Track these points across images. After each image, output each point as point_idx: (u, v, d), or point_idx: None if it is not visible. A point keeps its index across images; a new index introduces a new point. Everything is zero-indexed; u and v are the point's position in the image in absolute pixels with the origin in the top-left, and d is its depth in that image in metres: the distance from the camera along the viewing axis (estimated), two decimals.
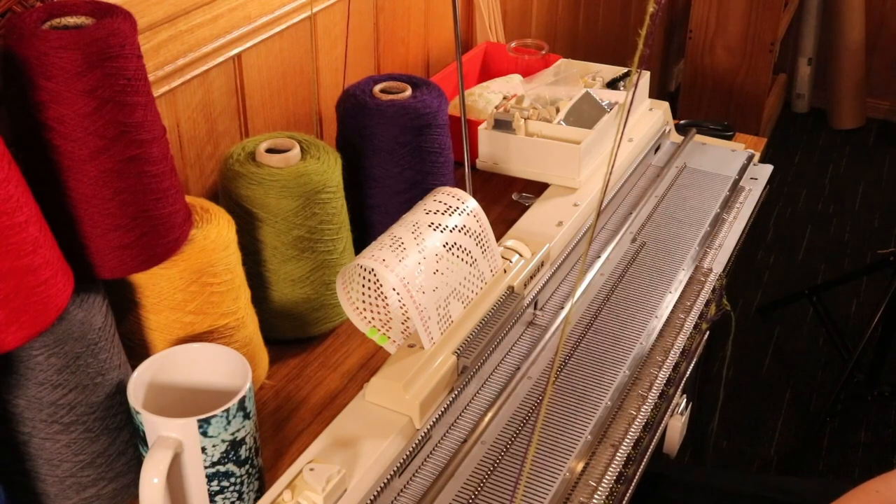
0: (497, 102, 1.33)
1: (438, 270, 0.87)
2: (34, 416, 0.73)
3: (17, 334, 0.67)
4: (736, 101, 2.98)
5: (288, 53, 1.19)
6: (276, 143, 0.96)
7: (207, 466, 0.73)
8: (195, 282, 0.81)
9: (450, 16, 1.56)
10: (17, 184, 0.65)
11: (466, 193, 0.94)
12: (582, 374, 0.95)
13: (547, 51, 1.48)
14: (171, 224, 0.78)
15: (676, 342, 1.01)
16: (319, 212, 0.94)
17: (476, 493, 0.82)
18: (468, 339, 0.89)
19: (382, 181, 1.06)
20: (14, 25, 0.70)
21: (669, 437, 1.03)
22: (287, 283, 0.96)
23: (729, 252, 1.17)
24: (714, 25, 2.92)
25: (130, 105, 0.72)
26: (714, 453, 2.00)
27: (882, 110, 3.44)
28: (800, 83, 3.46)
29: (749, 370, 2.24)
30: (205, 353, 0.79)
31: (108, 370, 0.75)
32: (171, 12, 0.98)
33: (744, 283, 2.52)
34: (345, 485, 0.76)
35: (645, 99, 1.34)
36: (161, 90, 0.99)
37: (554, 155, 1.16)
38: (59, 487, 0.76)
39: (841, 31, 3.20)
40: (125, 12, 0.72)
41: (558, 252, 1.08)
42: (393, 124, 1.03)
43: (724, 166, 1.33)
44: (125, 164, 0.73)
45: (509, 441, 0.87)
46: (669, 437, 1.03)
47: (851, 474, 1.97)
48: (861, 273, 2.39)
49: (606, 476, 0.84)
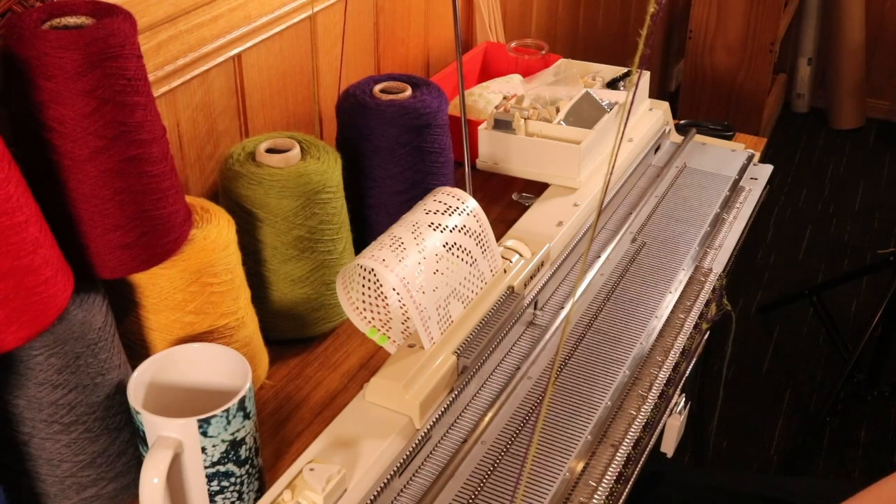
0: (497, 102, 1.33)
1: (438, 270, 0.87)
2: (34, 416, 0.73)
3: (17, 334, 0.67)
4: (736, 101, 2.98)
5: (288, 53, 1.19)
6: (276, 143, 0.96)
7: (207, 466, 0.73)
8: (195, 282, 0.81)
9: (450, 16, 1.56)
10: (17, 184, 0.65)
11: (466, 193, 0.94)
12: (582, 374, 0.95)
13: (547, 51, 1.48)
14: (171, 224, 0.78)
15: (676, 342, 1.01)
16: (319, 212, 0.94)
17: (476, 493, 0.82)
18: (468, 339, 0.89)
19: (382, 181, 1.06)
20: (14, 25, 0.70)
21: (667, 436, 1.03)
22: (287, 283, 0.96)
23: (729, 252, 1.17)
24: (714, 25, 2.92)
25: (130, 105, 0.72)
26: (714, 453, 2.00)
27: (882, 110, 3.44)
28: (800, 83, 3.46)
29: (749, 370, 2.24)
30: (205, 353, 0.79)
31: (108, 370, 0.75)
32: (171, 12, 0.98)
33: (744, 283, 2.52)
34: (345, 485, 0.76)
35: (645, 99, 1.34)
36: (161, 90, 0.99)
37: (554, 155, 1.16)
38: (59, 487, 0.76)
39: (841, 31, 3.20)
40: (125, 12, 0.72)
41: (558, 252, 1.08)
42: (393, 124, 1.03)
43: (724, 166, 1.33)
44: (125, 164, 0.73)
45: (509, 441, 0.87)
46: (667, 437, 1.03)
47: (851, 474, 1.97)
48: (861, 273, 2.40)
49: (606, 476, 0.84)
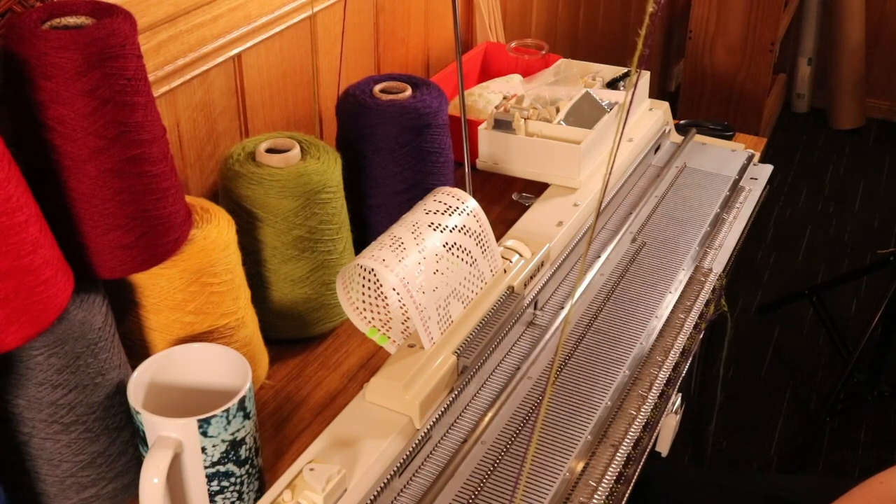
0: (497, 102, 1.33)
1: (438, 270, 0.87)
2: (34, 416, 0.73)
3: (17, 334, 0.67)
4: (736, 101, 2.98)
5: (288, 53, 1.19)
6: (276, 143, 0.96)
7: (207, 466, 0.73)
8: (195, 282, 0.81)
9: (450, 16, 1.56)
10: (18, 184, 0.65)
11: (466, 193, 0.94)
12: (582, 374, 0.95)
13: (547, 51, 1.48)
14: (171, 224, 0.78)
15: (676, 342, 1.01)
16: (319, 212, 0.94)
17: (476, 493, 0.82)
18: (468, 339, 0.89)
19: (382, 181, 1.06)
20: (14, 25, 0.70)
21: (663, 434, 1.04)
22: (287, 283, 0.96)
23: (729, 252, 1.17)
24: (714, 25, 2.92)
25: (130, 105, 0.72)
26: (714, 453, 2.00)
27: (882, 110, 3.44)
28: (800, 83, 3.46)
29: (749, 370, 2.24)
30: (205, 353, 0.79)
31: (108, 370, 0.75)
32: (171, 12, 0.98)
33: (744, 283, 2.52)
34: (345, 485, 0.76)
35: (645, 99, 1.34)
36: (161, 90, 0.99)
37: (554, 155, 1.16)
38: (59, 487, 0.76)
39: (841, 31, 3.20)
40: (125, 12, 0.72)
41: (558, 252, 1.08)
42: (393, 124, 1.03)
43: (724, 166, 1.33)
44: (125, 164, 0.73)
45: (509, 441, 0.87)
46: (663, 435, 1.04)
47: (852, 474, 1.96)
48: (861, 273, 2.40)
49: (606, 476, 0.84)
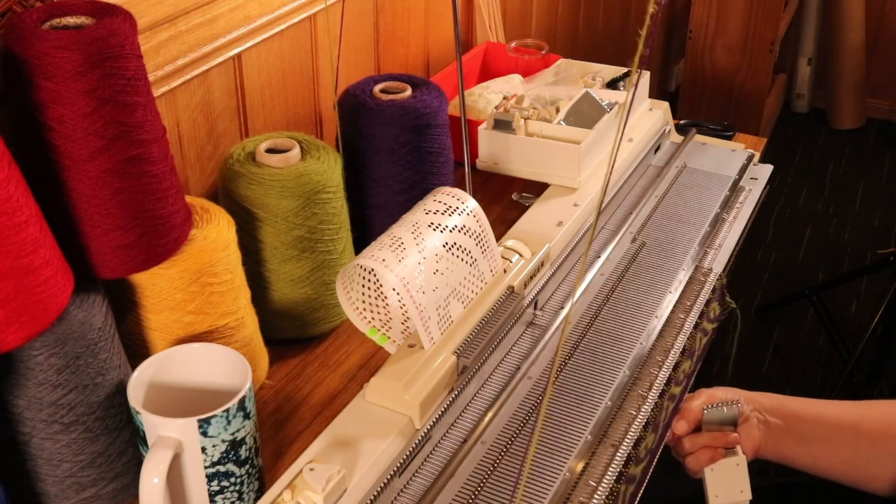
0: (497, 102, 1.33)
1: (438, 270, 0.87)
2: (34, 416, 0.73)
3: (17, 334, 0.67)
4: (736, 101, 2.98)
5: (288, 53, 1.19)
6: (276, 143, 0.96)
7: (207, 466, 0.73)
8: (195, 282, 0.81)
9: (450, 16, 1.56)
10: (18, 184, 0.65)
11: (466, 193, 0.94)
12: (582, 374, 0.95)
13: (547, 51, 1.48)
14: (171, 224, 0.78)
15: (676, 342, 1.01)
16: (319, 212, 0.94)
17: (476, 493, 0.82)
18: (468, 339, 0.89)
19: (382, 181, 1.06)
20: (14, 25, 0.70)
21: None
22: (287, 283, 0.96)
23: (729, 252, 1.17)
24: (714, 25, 2.91)
25: (130, 105, 0.72)
26: None
27: (882, 110, 3.44)
28: (800, 83, 3.46)
29: (749, 370, 2.23)
30: (205, 353, 0.79)
31: (108, 370, 0.75)
32: (171, 12, 0.98)
33: (744, 283, 2.52)
34: (345, 485, 0.76)
35: (645, 99, 1.34)
36: (161, 90, 0.99)
37: (554, 155, 1.16)
38: (59, 487, 0.76)
39: (841, 31, 3.20)
40: (125, 12, 0.72)
41: (558, 252, 1.08)
42: (393, 124, 1.03)
43: (724, 166, 1.33)
44: (125, 164, 0.73)
45: (509, 441, 0.87)
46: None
47: None
48: (861, 273, 2.40)
49: (606, 476, 0.83)
